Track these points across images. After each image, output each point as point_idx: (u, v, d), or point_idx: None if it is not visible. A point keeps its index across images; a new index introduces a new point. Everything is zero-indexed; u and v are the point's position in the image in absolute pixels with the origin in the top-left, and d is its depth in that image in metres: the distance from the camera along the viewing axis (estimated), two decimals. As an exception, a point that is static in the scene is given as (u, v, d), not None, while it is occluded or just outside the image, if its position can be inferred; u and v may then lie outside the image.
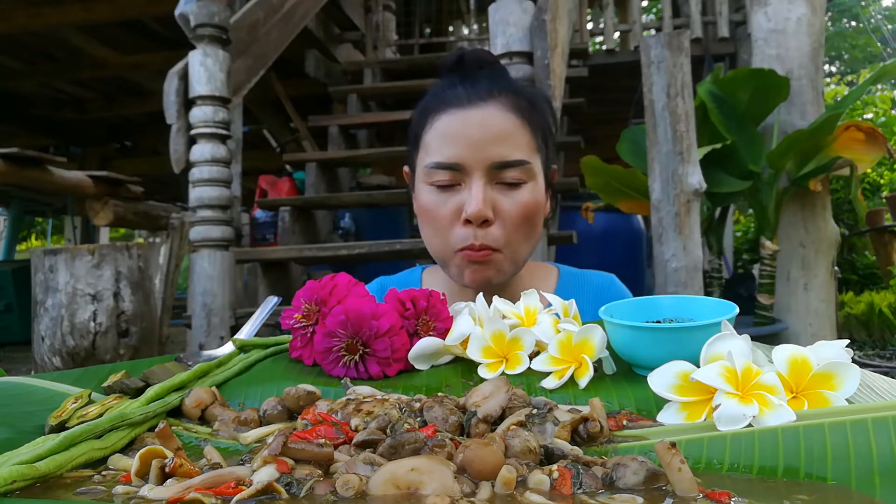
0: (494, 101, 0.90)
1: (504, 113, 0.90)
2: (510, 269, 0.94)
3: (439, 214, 0.91)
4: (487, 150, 0.88)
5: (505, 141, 0.89)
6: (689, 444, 0.43)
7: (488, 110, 0.90)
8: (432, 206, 0.91)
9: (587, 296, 1.03)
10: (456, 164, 0.88)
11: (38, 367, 2.24)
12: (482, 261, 0.90)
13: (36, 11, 4.20)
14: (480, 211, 0.86)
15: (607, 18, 4.58)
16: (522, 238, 0.92)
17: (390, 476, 0.36)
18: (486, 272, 0.91)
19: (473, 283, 0.92)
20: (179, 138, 2.48)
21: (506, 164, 0.88)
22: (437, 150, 0.90)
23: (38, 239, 13.37)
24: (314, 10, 3.35)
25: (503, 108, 0.90)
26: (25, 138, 6.00)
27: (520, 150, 0.90)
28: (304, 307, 0.65)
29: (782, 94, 3.27)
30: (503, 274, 0.93)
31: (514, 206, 0.89)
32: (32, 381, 0.61)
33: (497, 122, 0.89)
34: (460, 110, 0.90)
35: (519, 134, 0.90)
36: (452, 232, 0.90)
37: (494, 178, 0.89)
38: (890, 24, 15.62)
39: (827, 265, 3.47)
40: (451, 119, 0.90)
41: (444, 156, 0.89)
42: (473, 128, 0.88)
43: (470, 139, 0.88)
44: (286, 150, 4.66)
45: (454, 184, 0.90)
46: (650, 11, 10.15)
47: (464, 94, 0.91)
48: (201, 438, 0.51)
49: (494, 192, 0.89)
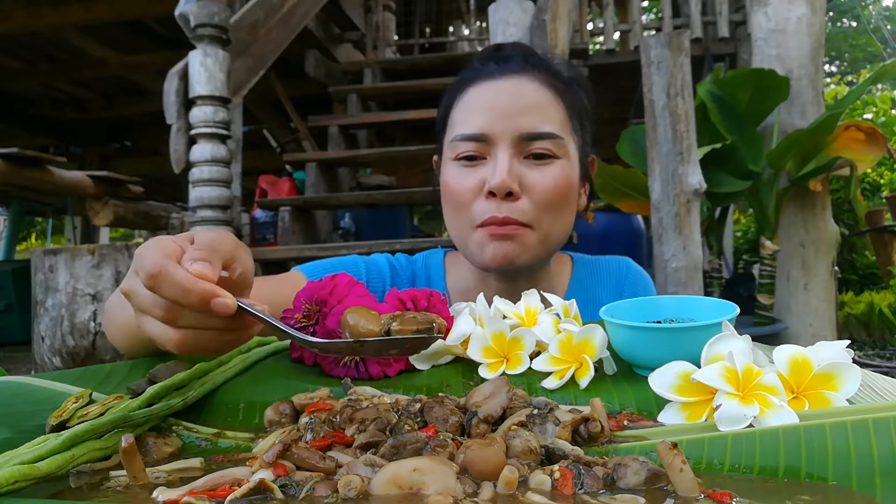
0: (528, 74, 0.86)
1: (536, 85, 0.85)
2: (539, 251, 0.86)
3: (461, 188, 0.85)
4: (516, 119, 0.83)
5: (536, 112, 0.83)
6: (689, 444, 0.43)
7: (520, 81, 0.85)
8: (454, 182, 0.86)
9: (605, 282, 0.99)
10: (482, 134, 0.83)
11: (38, 367, 2.24)
12: (506, 235, 0.82)
13: (36, 11, 4.20)
14: (505, 181, 0.80)
15: (607, 18, 4.58)
16: (554, 218, 0.85)
17: (392, 476, 0.36)
18: (509, 248, 0.83)
19: (494, 261, 0.84)
20: (179, 138, 2.48)
21: (536, 136, 0.82)
22: (463, 121, 0.86)
23: (38, 239, 13.36)
24: (314, 10, 3.35)
25: (536, 80, 0.86)
26: (25, 138, 6.00)
27: (551, 123, 0.84)
28: (304, 307, 0.65)
29: (782, 94, 3.27)
30: (530, 253, 0.85)
31: (543, 180, 0.83)
32: (32, 381, 0.61)
33: (528, 92, 0.85)
34: (490, 80, 0.86)
35: (551, 108, 0.85)
36: (474, 207, 0.84)
37: (522, 151, 0.83)
38: (890, 24, 15.62)
39: (827, 265, 3.47)
40: (480, 90, 0.86)
41: (470, 127, 0.85)
42: (503, 97, 0.84)
43: (498, 108, 0.83)
44: (286, 150, 4.66)
45: (479, 157, 0.84)
46: (650, 11, 10.15)
47: (496, 68, 0.87)
48: (202, 438, 0.51)
49: (522, 166, 0.83)
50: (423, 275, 1.00)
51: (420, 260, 1.03)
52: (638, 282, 1.00)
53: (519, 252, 0.84)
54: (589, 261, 1.03)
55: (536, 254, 0.86)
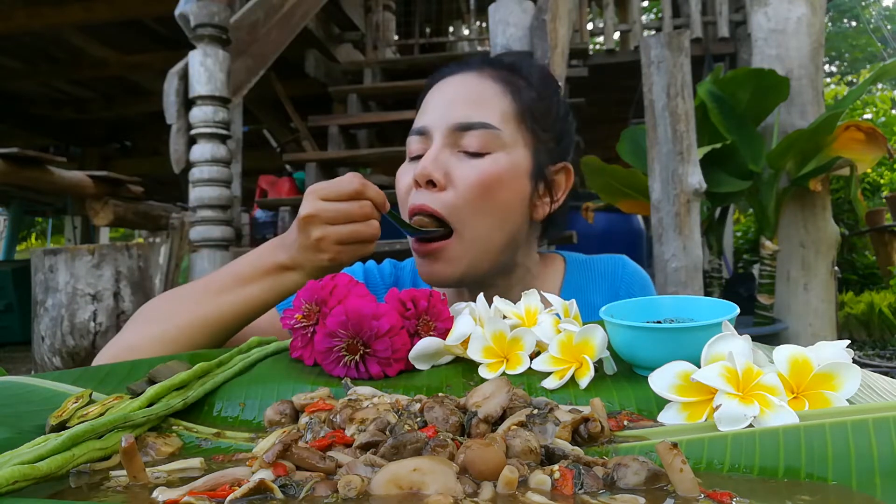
0: (478, 70, 0.85)
1: (482, 79, 0.84)
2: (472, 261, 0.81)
3: (402, 184, 0.84)
4: (452, 110, 0.81)
5: (472, 103, 0.81)
6: (689, 444, 0.43)
7: (467, 76, 0.85)
8: (398, 177, 0.85)
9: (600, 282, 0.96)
10: (421, 127, 0.83)
11: (38, 367, 2.24)
12: (427, 252, 0.80)
13: (36, 11, 4.20)
14: (425, 168, 0.78)
15: (607, 18, 4.59)
16: (480, 217, 0.80)
17: (392, 476, 0.36)
18: (435, 266, 0.81)
19: (424, 279, 0.82)
20: (179, 138, 2.48)
21: (468, 126, 0.80)
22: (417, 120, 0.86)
23: (38, 239, 13.37)
24: (314, 10, 3.35)
25: (484, 75, 0.84)
26: (25, 138, 6.00)
27: (488, 114, 0.81)
28: (304, 307, 0.65)
29: (782, 94, 3.27)
30: (460, 268, 0.81)
31: (470, 173, 0.79)
32: (32, 381, 0.61)
33: (471, 85, 0.83)
34: (442, 80, 0.86)
35: (493, 100, 0.82)
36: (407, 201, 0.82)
37: (456, 144, 0.81)
38: (890, 24, 15.62)
39: (827, 265, 3.48)
40: (433, 90, 0.87)
41: (416, 124, 0.85)
42: (447, 92, 0.84)
43: (439, 102, 0.83)
44: (286, 150, 4.66)
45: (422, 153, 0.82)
46: (650, 11, 10.15)
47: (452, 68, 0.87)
48: (202, 438, 0.51)
49: (453, 157, 0.80)
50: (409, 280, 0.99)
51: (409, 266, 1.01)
52: (634, 282, 0.97)
53: (445, 268, 0.81)
54: (582, 261, 1.00)
55: (469, 263, 0.81)
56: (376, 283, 0.99)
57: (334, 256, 0.74)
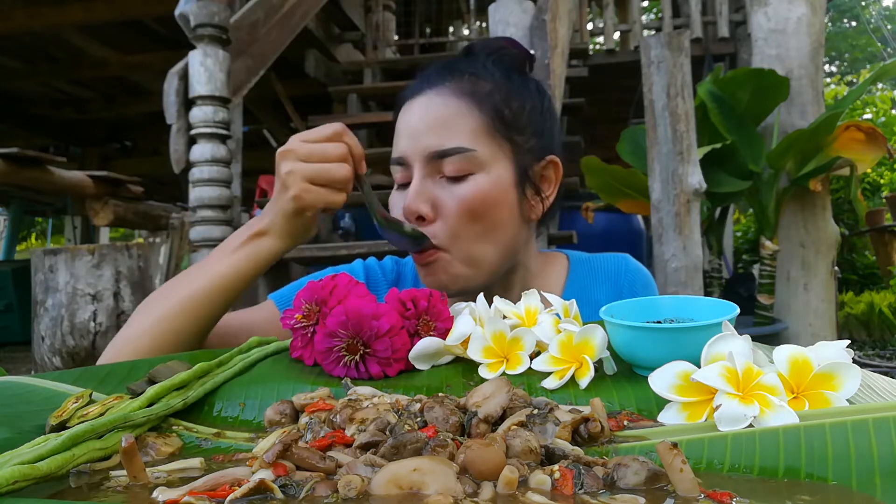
0: (440, 87, 0.83)
1: (445, 98, 0.82)
2: (468, 273, 0.83)
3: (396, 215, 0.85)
4: (423, 139, 0.81)
5: (441, 128, 0.81)
6: (689, 444, 0.43)
7: (430, 97, 0.83)
8: (391, 207, 0.86)
9: (602, 280, 0.96)
10: (400, 157, 0.83)
11: (38, 366, 2.24)
12: (427, 263, 0.82)
13: (36, 11, 4.20)
14: (410, 206, 0.79)
15: (607, 18, 4.59)
16: (473, 236, 0.81)
17: (392, 476, 0.36)
18: (436, 276, 0.82)
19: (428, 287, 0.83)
20: (179, 138, 2.48)
21: (442, 153, 0.80)
22: (394, 146, 0.86)
23: (38, 239, 13.36)
24: (314, 10, 3.35)
25: (446, 93, 0.83)
26: (25, 138, 6.00)
27: (459, 136, 0.80)
28: (304, 307, 0.65)
29: (782, 94, 3.27)
30: (457, 278, 0.82)
31: (454, 200, 0.79)
32: (32, 381, 0.61)
33: (434, 108, 0.82)
34: (409, 101, 0.85)
35: (460, 120, 0.81)
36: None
37: (436, 171, 0.81)
38: (890, 24, 15.62)
39: (827, 265, 3.48)
40: (402, 112, 0.86)
41: (394, 152, 0.85)
42: (413, 118, 0.83)
43: (408, 130, 0.83)
44: (286, 150, 4.65)
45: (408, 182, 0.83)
46: (650, 11, 10.15)
47: (416, 86, 0.86)
48: (202, 438, 0.51)
49: (437, 187, 0.81)
50: (410, 279, 1.00)
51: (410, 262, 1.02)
52: (636, 281, 0.97)
53: (444, 279, 0.82)
54: (586, 259, 1.00)
55: (468, 276, 0.83)
56: (378, 279, 0.99)
57: (299, 193, 0.74)
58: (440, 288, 0.81)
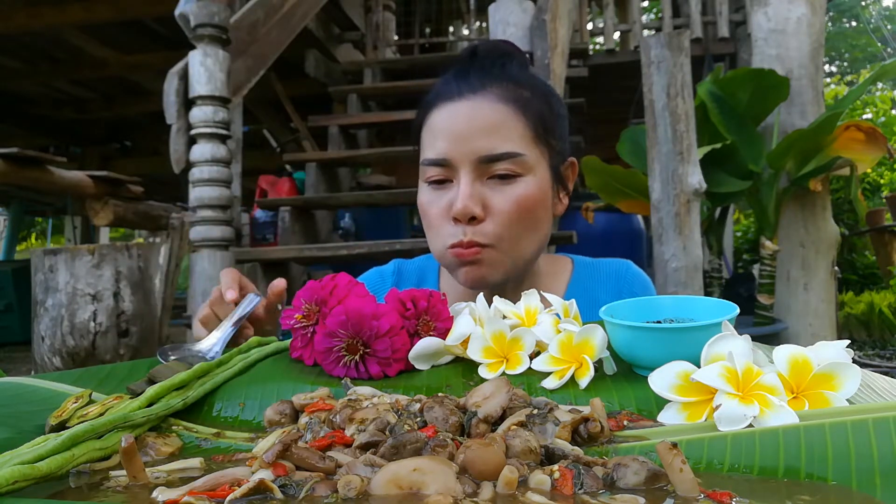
0: (485, 92, 0.87)
1: (493, 104, 0.86)
2: (509, 267, 0.88)
3: (432, 212, 0.88)
4: (474, 143, 0.84)
5: (493, 133, 0.84)
6: (689, 444, 0.43)
7: (476, 102, 0.86)
8: (426, 205, 0.89)
9: (605, 284, 1.00)
10: (443, 159, 0.85)
11: (38, 367, 2.23)
12: (472, 259, 0.85)
13: (36, 11, 4.20)
14: (466, 208, 0.83)
15: (607, 18, 4.58)
16: (520, 234, 0.86)
17: (392, 476, 0.36)
18: (478, 271, 0.86)
19: (467, 283, 0.87)
20: (179, 138, 2.48)
21: (494, 158, 0.84)
22: (429, 146, 0.88)
23: (38, 239, 13.36)
24: (314, 10, 3.35)
25: (493, 98, 0.86)
26: (25, 138, 6.00)
27: (510, 141, 0.85)
28: (304, 307, 0.65)
29: (782, 94, 3.27)
30: (500, 272, 0.87)
31: (506, 202, 0.84)
32: (32, 381, 0.61)
33: (485, 113, 0.85)
34: (450, 103, 0.87)
35: (510, 125, 0.85)
36: (444, 230, 0.87)
37: (485, 173, 0.85)
38: (890, 24, 15.62)
39: (827, 265, 3.48)
40: (441, 113, 0.88)
41: (434, 152, 0.87)
42: (460, 121, 0.85)
43: (456, 133, 0.85)
44: (286, 150, 4.66)
45: (446, 180, 0.87)
46: (650, 11, 10.15)
47: (455, 88, 0.88)
48: (202, 438, 0.51)
49: (485, 188, 0.85)
50: (413, 281, 1.03)
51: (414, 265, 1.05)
52: (636, 284, 1.01)
53: (488, 272, 0.86)
54: (589, 263, 1.04)
55: (507, 270, 0.88)
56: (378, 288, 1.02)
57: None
58: (479, 281, 0.87)
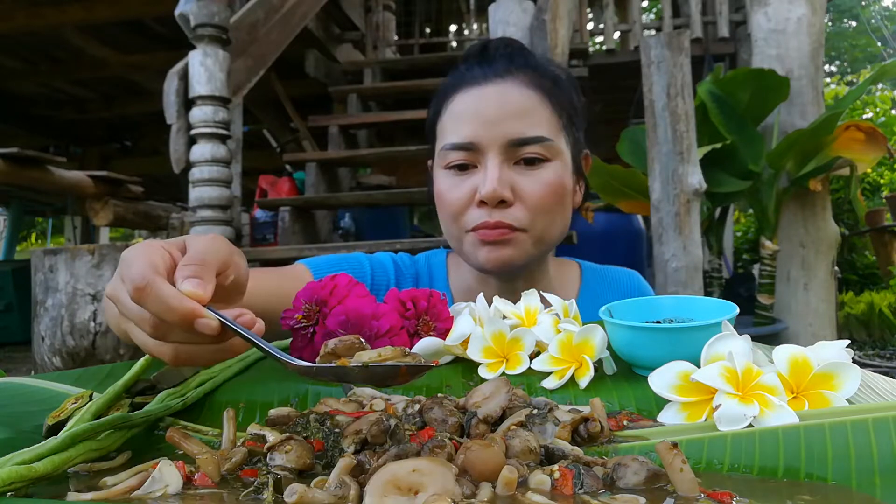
0: (512, 78, 0.86)
1: (521, 88, 0.85)
2: (534, 251, 0.86)
3: (453, 197, 0.85)
4: (503, 126, 0.82)
5: (523, 117, 0.83)
6: (689, 444, 0.43)
7: (505, 86, 0.85)
8: (446, 190, 0.86)
9: (615, 293, 1.00)
10: (470, 143, 0.83)
11: (38, 367, 2.23)
12: (498, 240, 0.83)
13: (36, 11, 4.19)
14: (496, 191, 0.81)
15: (607, 18, 4.58)
16: (548, 220, 0.86)
17: (391, 477, 0.36)
18: (503, 252, 0.84)
19: (489, 264, 0.85)
20: (179, 138, 2.48)
21: (524, 141, 0.82)
22: (452, 130, 0.86)
23: (38, 239, 13.36)
24: (314, 10, 3.35)
25: (521, 83, 0.85)
26: (25, 138, 6.00)
27: (539, 126, 0.84)
28: (304, 307, 0.65)
29: (782, 94, 3.27)
30: (525, 255, 0.85)
31: (536, 186, 0.83)
32: (32, 381, 0.61)
33: (514, 97, 0.84)
34: (475, 88, 0.86)
35: (539, 110, 0.84)
36: (467, 215, 0.85)
37: (513, 157, 0.83)
38: (890, 24, 15.62)
39: (827, 265, 3.47)
40: (466, 97, 0.86)
41: (458, 136, 0.84)
42: (489, 104, 0.84)
43: (484, 116, 0.83)
44: (286, 150, 4.65)
45: (469, 165, 0.85)
46: (650, 11, 10.15)
47: (480, 73, 0.87)
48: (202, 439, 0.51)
49: (513, 172, 0.83)
50: (425, 274, 1.01)
51: (423, 260, 1.03)
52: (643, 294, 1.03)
53: (513, 254, 0.85)
54: (598, 269, 1.05)
55: (531, 254, 0.87)
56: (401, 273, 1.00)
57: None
58: (503, 264, 0.85)
